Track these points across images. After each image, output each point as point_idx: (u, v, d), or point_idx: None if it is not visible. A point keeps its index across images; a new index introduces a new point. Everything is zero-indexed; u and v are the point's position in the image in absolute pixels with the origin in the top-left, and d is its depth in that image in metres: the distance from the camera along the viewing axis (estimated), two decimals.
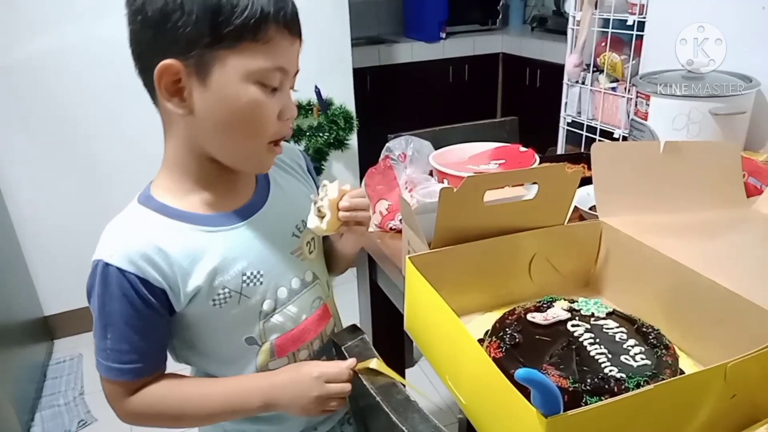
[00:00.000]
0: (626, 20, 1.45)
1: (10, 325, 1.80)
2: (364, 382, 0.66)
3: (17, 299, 1.92)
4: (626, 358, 0.62)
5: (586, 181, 0.88)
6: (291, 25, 0.64)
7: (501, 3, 3.21)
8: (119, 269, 0.64)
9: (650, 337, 0.65)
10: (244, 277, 0.71)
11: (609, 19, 1.50)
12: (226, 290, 0.70)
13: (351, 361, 0.72)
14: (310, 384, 0.71)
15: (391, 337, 1.31)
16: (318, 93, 2.03)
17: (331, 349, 0.80)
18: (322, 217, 0.71)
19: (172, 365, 0.75)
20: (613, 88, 1.56)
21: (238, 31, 0.60)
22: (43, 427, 1.72)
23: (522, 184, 0.83)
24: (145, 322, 0.67)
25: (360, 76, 2.54)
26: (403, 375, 1.48)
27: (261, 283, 0.72)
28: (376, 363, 0.67)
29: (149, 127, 1.80)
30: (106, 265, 0.65)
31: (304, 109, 2.01)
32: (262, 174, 0.78)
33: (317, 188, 0.84)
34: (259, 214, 0.74)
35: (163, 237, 0.67)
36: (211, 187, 0.71)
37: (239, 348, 0.74)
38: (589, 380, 0.58)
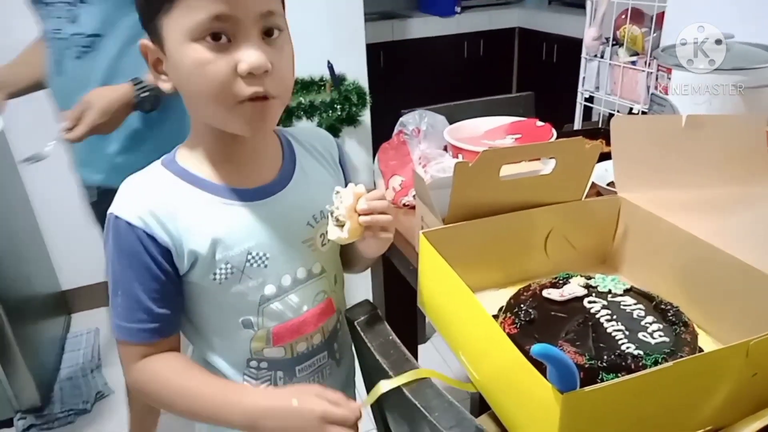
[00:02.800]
0: None
1: (29, 299, 1.83)
2: (377, 357, 0.66)
3: (35, 274, 1.95)
4: (644, 335, 0.61)
5: (603, 156, 0.86)
6: None
7: None
8: (128, 223, 0.65)
9: (669, 314, 0.64)
10: (249, 257, 0.70)
11: None
12: (229, 266, 0.69)
13: (360, 404, 0.66)
14: (311, 422, 0.63)
15: (404, 313, 1.31)
16: (331, 68, 2.01)
17: (333, 344, 0.79)
18: (341, 226, 0.67)
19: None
20: (633, 62, 1.51)
21: None
22: (62, 398, 1.75)
23: (539, 159, 0.81)
24: (154, 281, 0.67)
25: (373, 51, 2.50)
26: (415, 351, 1.49)
27: (265, 266, 0.71)
28: (385, 385, 0.62)
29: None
30: (117, 218, 0.65)
31: (316, 85, 1.99)
32: (290, 157, 0.76)
33: (346, 183, 0.82)
34: (278, 196, 0.72)
35: (175, 198, 0.67)
36: (231, 161, 0.70)
37: (234, 329, 0.72)
38: (605, 357, 0.57)
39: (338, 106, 1.91)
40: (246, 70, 0.59)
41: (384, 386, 0.62)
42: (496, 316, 0.70)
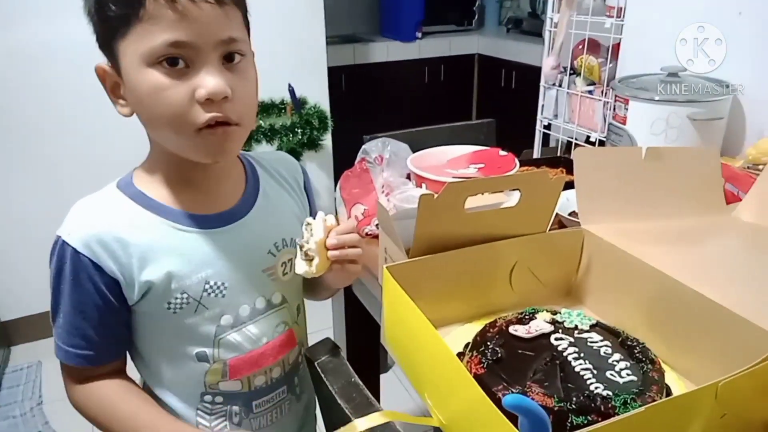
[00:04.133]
0: (604, 23, 1.45)
1: None
2: (339, 401, 0.62)
3: None
4: (612, 374, 0.59)
5: (565, 185, 0.86)
6: None
7: (477, 4, 3.20)
8: (75, 250, 0.62)
9: (635, 351, 0.63)
10: (206, 286, 0.66)
11: (586, 22, 1.50)
12: (185, 295, 0.65)
13: None
14: None
15: (365, 341, 1.27)
16: (291, 92, 1.98)
17: (293, 377, 0.75)
18: (310, 260, 0.64)
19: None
20: (590, 92, 1.55)
21: (121, 17, 0.57)
22: None
23: (502, 191, 0.80)
24: (95, 310, 0.64)
25: (335, 74, 2.50)
26: (377, 381, 1.45)
27: (223, 296, 0.68)
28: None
29: (107, 128, 1.72)
30: (64, 243, 0.62)
31: (277, 108, 1.96)
32: (253, 182, 0.73)
33: (311, 209, 0.80)
34: (238, 223, 0.69)
35: (128, 224, 0.64)
36: (191, 186, 0.67)
37: (188, 362, 0.68)
38: (574, 398, 0.55)
39: (299, 130, 1.88)
40: (204, 96, 0.58)
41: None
42: (462, 354, 0.68)
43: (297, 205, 0.78)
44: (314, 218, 0.66)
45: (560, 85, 1.63)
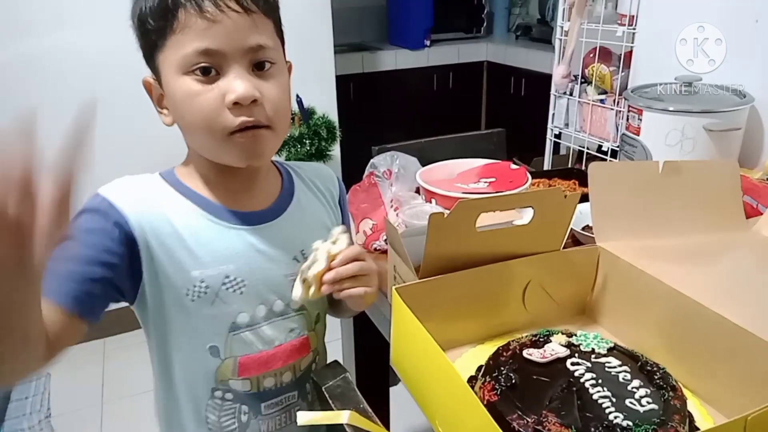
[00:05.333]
0: (615, 31, 1.42)
1: None
2: (347, 430, 0.60)
3: None
4: (631, 402, 0.57)
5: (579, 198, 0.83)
6: (204, 4, 0.60)
7: (485, 11, 3.19)
8: (107, 199, 0.63)
9: (656, 377, 0.60)
10: (226, 280, 0.67)
11: (597, 30, 1.47)
12: (204, 284, 0.66)
13: None
14: None
15: (375, 354, 1.25)
16: (299, 102, 1.97)
17: (305, 384, 0.74)
18: (307, 287, 0.64)
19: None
20: (602, 100, 1.52)
21: (159, 30, 0.61)
22: None
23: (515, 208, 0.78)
24: (91, 250, 0.60)
25: (343, 82, 2.49)
26: (387, 395, 1.43)
27: (241, 293, 0.68)
28: (347, 417, 0.58)
29: (125, 134, 1.72)
30: (99, 194, 0.64)
31: None
32: (288, 189, 0.75)
33: (344, 221, 0.81)
34: (267, 225, 0.71)
35: (164, 204, 0.67)
36: (224, 187, 0.70)
37: (201, 355, 0.69)
38: (593, 429, 0.53)
39: (307, 141, 1.87)
40: (232, 101, 0.61)
41: (344, 417, 0.58)
42: (474, 377, 0.66)
43: (329, 217, 0.79)
44: (324, 242, 0.65)
45: (571, 94, 1.61)
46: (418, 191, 1.04)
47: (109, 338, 2.12)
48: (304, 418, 0.59)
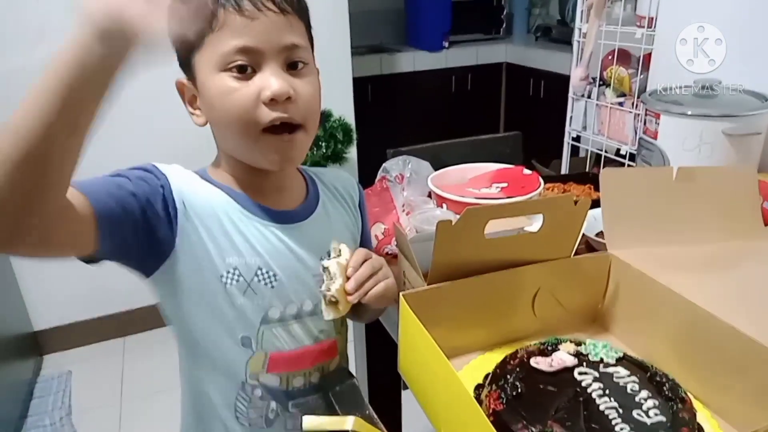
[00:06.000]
0: (634, 33, 1.40)
1: None
2: None
3: (5, 313, 1.87)
4: (639, 414, 0.56)
5: (593, 203, 0.83)
6: (243, 3, 0.61)
7: (505, 12, 3.17)
8: (157, 166, 0.65)
9: (665, 388, 0.60)
10: (259, 272, 0.69)
11: (616, 32, 1.45)
12: (237, 272, 0.67)
13: None
14: None
15: (386, 357, 1.25)
16: None
17: (337, 384, 0.75)
18: (334, 304, 0.65)
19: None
20: (620, 103, 1.50)
21: (198, 31, 0.62)
22: None
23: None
24: (133, 188, 0.61)
25: (361, 84, 2.49)
26: (399, 398, 1.42)
27: (272, 286, 0.69)
28: (352, 423, 0.59)
29: (139, 141, 1.75)
30: (151, 163, 0.65)
31: None
32: (313, 194, 0.77)
33: (363, 226, 0.83)
34: (297, 225, 0.72)
35: (204, 188, 0.68)
36: (255, 189, 0.71)
37: (233, 345, 0.70)
38: None
39: (323, 143, 1.88)
40: (269, 97, 0.62)
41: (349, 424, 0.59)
42: (481, 386, 0.66)
43: (351, 221, 0.81)
44: (329, 258, 0.66)
45: (589, 97, 1.59)
46: (430, 195, 1.04)
47: (129, 337, 2.16)
48: (309, 422, 0.60)
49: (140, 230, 0.61)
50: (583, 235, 0.94)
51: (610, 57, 1.51)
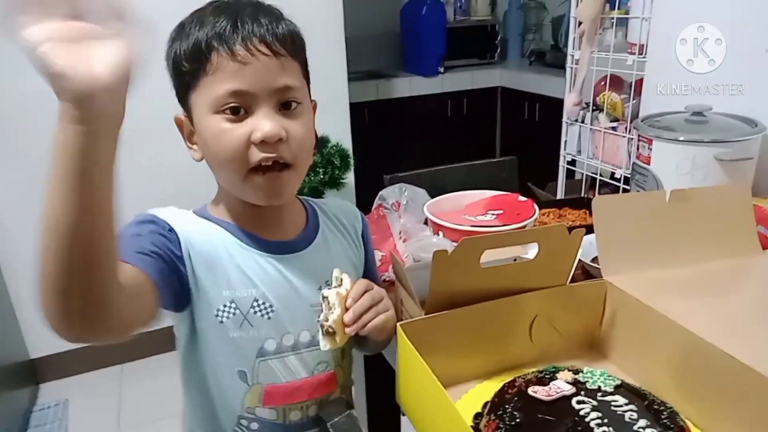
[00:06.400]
0: (626, 60, 1.43)
1: None
2: None
3: (2, 342, 1.86)
4: None
5: (589, 229, 0.83)
6: (236, 48, 0.63)
7: (499, 37, 3.22)
8: (155, 215, 0.67)
9: (663, 416, 0.60)
10: (255, 303, 0.69)
11: (608, 59, 1.48)
12: (233, 305, 0.68)
13: None
14: None
15: (385, 382, 1.25)
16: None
17: (334, 416, 0.74)
18: (332, 335, 0.66)
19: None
20: (614, 128, 1.52)
21: (192, 72, 0.65)
22: None
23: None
24: (151, 237, 0.64)
25: (358, 109, 2.52)
26: (398, 423, 1.41)
27: (269, 317, 0.70)
28: None
29: (138, 168, 1.75)
30: (148, 213, 0.67)
31: None
32: (313, 224, 0.78)
33: (367, 256, 0.83)
34: (295, 255, 0.73)
35: (198, 230, 0.69)
36: (253, 220, 0.72)
37: (230, 379, 0.70)
38: None
39: (321, 169, 1.90)
40: (259, 138, 0.64)
41: None
42: (480, 414, 0.65)
43: (353, 252, 0.81)
44: (330, 287, 0.67)
45: (583, 121, 1.61)
46: (426, 223, 1.05)
47: (126, 364, 2.14)
48: None
49: (173, 274, 0.64)
50: (580, 260, 0.95)
51: (602, 83, 1.54)
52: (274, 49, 0.64)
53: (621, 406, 0.61)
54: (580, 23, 1.53)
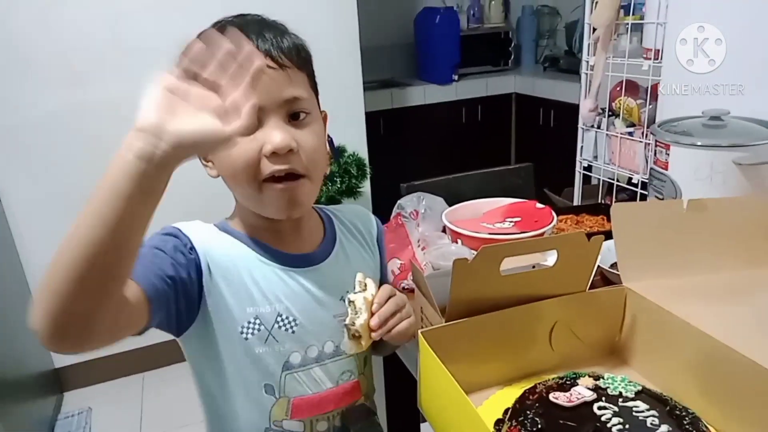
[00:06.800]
0: (641, 65, 1.43)
1: (19, 378, 1.77)
2: None
3: (27, 351, 1.89)
4: None
5: (607, 234, 0.84)
6: None
7: (513, 44, 3.23)
8: (179, 228, 0.68)
9: (685, 421, 0.60)
10: (279, 318, 0.70)
11: (623, 64, 1.48)
12: (257, 322, 0.69)
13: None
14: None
15: (405, 388, 1.25)
16: (330, 142, 2.01)
17: (359, 424, 0.75)
18: (357, 338, 0.67)
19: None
20: (630, 133, 1.52)
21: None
22: None
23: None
24: (168, 259, 0.64)
25: (373, 118, 2.54)
26: (418, 429, 1.41)
27: (293, 332, 0.70)
28: None
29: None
30: (173, 227, 0.68)
31: None
32: (330, 233, 0.78)
33: (381, 261, 0.84)
34: (315, 268, 0.73)
35: (222, 246, 0.70)
36: (271, 233, 0.73)
37: (257, 393, 0.71)
38: None
39: (338, 179, 1.91)
40: (270, 150, 0.64)
41: None
42: (501, 421, 0.66)
43: (370, 258, 0.82)
44: (356, 291, 0.68)
45: (599, 127, 1.61)
46: (444, 231, 1.06)
47: (148, 372, 2.17)
48: None
49: (179, 298, 0.64)
50: (598, 267, 0.95)
51: (618, 88, 1.54)
52: (280, 62, 0.65)
53: (642, 411, 0.62)
54: (594, 29, 1.53)
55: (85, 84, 1.91)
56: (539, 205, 1.09)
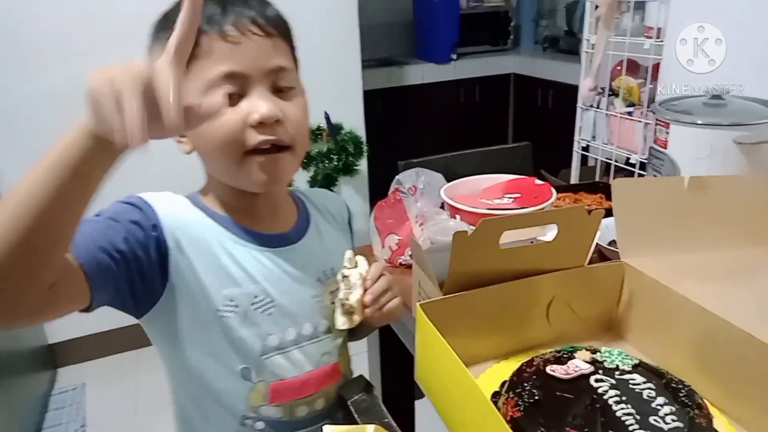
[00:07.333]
0: (643, 44, 1.42)
1: (13, 353, 1.77)
2: None
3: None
4: (656, 420, 0.57)
5: (606, 213, 0.83)
6: (227, 28, 0.61)
7: (512, 24, 3.19)
8: (146, 201, 0.63)
9: (681, 394, 0.60)
10: (255, 300, 0.68)
11: (624, 43, 1.47)
12: (233, 303, 0.66)
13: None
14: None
15: (400, 367, 1.26)
16: (327, 119, 2.01)
17: (337, 413, 0.74)
18: (350, 314, 0.66)
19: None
20: (630, 113, 1.51)
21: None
22: None
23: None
24: (123, 233, 0.59)
25: (371, 97, 2.52)
26: (412, 408, 1.43)
27: (270, 314, 0.69)
28: (373, 430, 0.60)
29: (146, 160, 1.77)
30: (137, 195, 0.64)
31: (313, 134, 1.98)
32: (304, 215, 0.76)
33: (352, 240, 0.83)
34: (290, 248, 0.72)
35: (194, 223, 0.67)
36: (244, 212, 0.70)
37: (233, 378, 0.69)
38: None
39: (335, 156, 1.90)
40: (257, 120, 0.61)
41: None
42: (499, 393, 0.66)
43: (344, 239, 0.81)
44: (348, 265, 0.67)
45: (598, 107, 1.60)
46: (443, 207, 1.06)
47: (143, 349, 2.18)
48: (330, 431, 0.61)
49: (133, 277, 0.60)
50: (596, 244, 0.95)
51: (618, 67, 1.52)
52: (266, 29, 0.63)
53: (639, 384, 0.62)
54: (596, 7, 1.51)
55: (83, 62, 1.87)
56: (538, 182, 1.08)
